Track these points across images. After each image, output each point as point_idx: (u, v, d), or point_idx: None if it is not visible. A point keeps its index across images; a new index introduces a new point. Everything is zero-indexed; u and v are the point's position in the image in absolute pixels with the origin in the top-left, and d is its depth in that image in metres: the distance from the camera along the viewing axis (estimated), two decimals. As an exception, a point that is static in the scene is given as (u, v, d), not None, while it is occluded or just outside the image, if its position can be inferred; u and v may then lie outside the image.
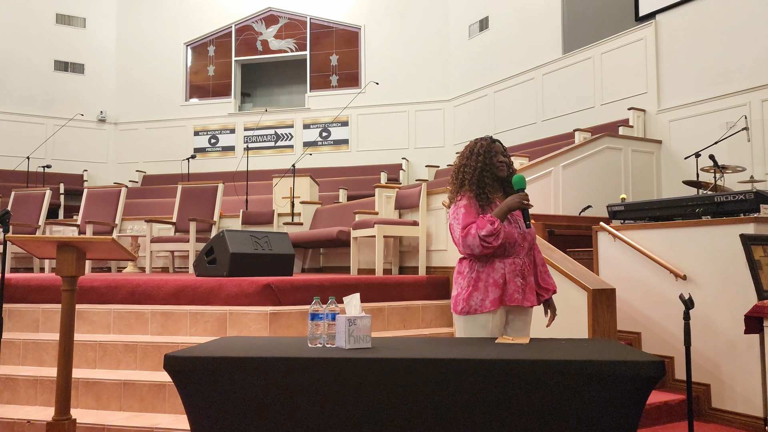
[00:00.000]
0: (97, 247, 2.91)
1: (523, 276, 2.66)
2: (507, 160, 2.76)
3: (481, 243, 2.56)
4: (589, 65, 8.39)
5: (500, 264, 2.63)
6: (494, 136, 2.84)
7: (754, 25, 6.44)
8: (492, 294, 2.60)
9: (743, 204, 4.03)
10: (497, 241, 2.56)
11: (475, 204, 2.65)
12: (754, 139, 6.31)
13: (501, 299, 2.61)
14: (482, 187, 2.67)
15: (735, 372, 3.95)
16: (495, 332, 2.62)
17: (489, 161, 2.71)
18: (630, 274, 4.59)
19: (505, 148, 2.82)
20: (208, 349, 2.18)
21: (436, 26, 11.19)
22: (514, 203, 2.60)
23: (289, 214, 7.61)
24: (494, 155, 2.72)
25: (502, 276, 2.62)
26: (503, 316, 2.66)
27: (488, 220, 2.57)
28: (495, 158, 2.71)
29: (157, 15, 12.45)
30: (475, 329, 2.63)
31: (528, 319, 2.74)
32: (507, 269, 2.63)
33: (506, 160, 2.75)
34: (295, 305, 4.18)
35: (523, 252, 2.67)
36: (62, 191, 10.37)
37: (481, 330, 2.62)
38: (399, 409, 2.01)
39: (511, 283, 2.62)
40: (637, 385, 1.95)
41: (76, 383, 3.53)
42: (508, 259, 2.63)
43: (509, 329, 2.70)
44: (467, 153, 2.77)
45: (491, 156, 2.71)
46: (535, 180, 6.17)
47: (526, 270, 2.67)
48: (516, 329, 2.69)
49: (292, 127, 11.88)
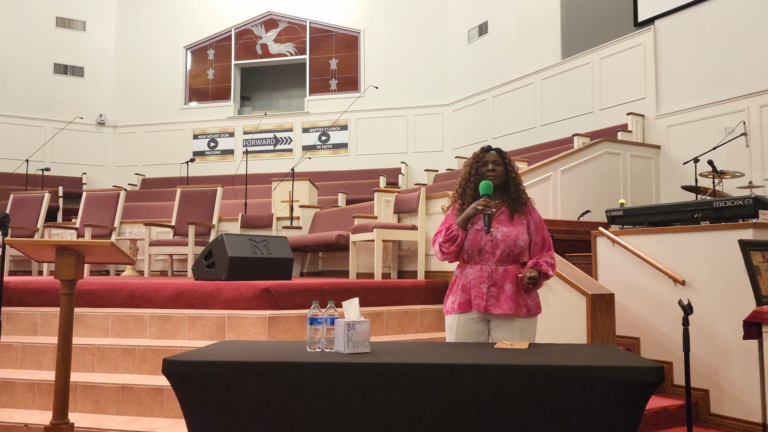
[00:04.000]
0: (95, 250, 2.91)
1: (493, 283, 2.64)
2: (500, 168, 2.77)
3: (439, 249, 2.71)
4: (588, 70, 8.40)
5: (470, 270, 2.71)
6: (494, 143, 2.86)
7: (752, 31, 6.46)
8: (459, 298, 2.71)
9: (742, 209, 4.03)
10: (453, 246, 2.67)
11: (456, 214, 2.77)
12: (752, 145, 6.32)
13: (466, 304, 2.68)
14: (465, 198, 2.78)
15: (734, 377, 3.94)
16: (464, 335, 2.69)
17: (476, 171, 2.79)
18: (629, 280, 4.59)
19: (505, 155, 2.82)
20: (207, 354, 2.18)
21: (436, 31, 11.21)
22: (470, 209, 2.65)
23: (288, 218, 7.61)
24: (483, 164, 2.78)
25: (470, 282, 2.69)
26: (482, 322, 2.69)
27: (446, 227, 2.71)
28: (484, 167, 2.77)
29: (157, 19, 12.47)
30: (447, 329, 2.78)
31: (514, 331, 2.63)
32: (474, 275, 2.68)
33: (498, 169, 2.76)
34: (293, 309, 4.17)
35: (492, 259, 2.66)
36: (61, 194, 10.36)
37: (449, 330, 2.75)
38: (398, 413, 2.00)
39: (475, 288, 2.67)
40: (636, 391, 1.94)
41: (74, 387, 3.52)
42: (477, 266, 2.69)
43: (491, 338, 2.70)
44: (464, 164, 2.89)
45: (479, 165, 2.79)
46: (534, 185, 6.17)
47: (497, 277, 2.64)
48: (498, 339, 2.64)
49: (291, 130, 11.88)
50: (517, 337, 2.63)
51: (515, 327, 2.64)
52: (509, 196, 2.76)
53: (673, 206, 4.54)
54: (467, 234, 2.68)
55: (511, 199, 2.76)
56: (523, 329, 2.65)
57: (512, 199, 2.76)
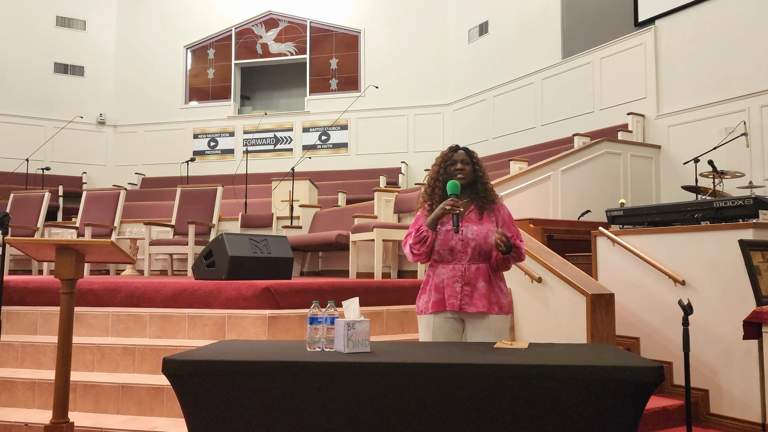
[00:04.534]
0: (95, 249, 2.91)
1: (466, 282, 2.66)
2: (468, 167, 2.78)
3: (410, 251, 2.71)
4: (589, 70, 8.40)
5: (443, 269, 2.72)
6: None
7: (753, 31, 6.46)
8: (432, 297, 2.71)
9: (742, 209, 4.03)
10: (424, 247, 2.68)
11: (426, 215, 2.76)
12: (752, 145, 6.32)
13: (440, 303, 2.69)
14: (433, 198, 2.79)
15: (733, 377, 3.94)
16: (440, 335, 2.70)
17: (444, 170, 2.80)
18: (629, 279, 4.59)
19: (473, 154, 2.84)
20: (207, 353, 2.18)
21: (436, 30, 11.21)
22: (438, 210, 2.65)
23: (288, 218, 7.61)
24: (451, 164, 2.79)
25: (442, 281, 2.70)
26: (458, 322, 2.72)
27: (415, 229, 2.71)
28: (451, 167, 2.78)
29: (157, 18, 12.47)
30: (422, 329, 2.78)
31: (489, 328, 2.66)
32: (447, 275, 2.69)
33: (466, 168, 2.77)
34: (293, 309, 4.17)
35: (465, 258, 2.68)
36: (61, 193, 10.36)
37: (425, 330, 2.75)
38: (397, 413, 2.00)
39: (449, 288, 2.68)
40: (636, 391, 1.95)
41: (74, 386, 3.52)
42: (449, 265, 2.70)
43: (468, 338, 2.73)
44: (432, 164, 2.89)
45: (447, 165, 2.80)
46: (534, 185, 6.18)
47: (469, 276, 2.67)
48: (474, 338, 2.68)
49: (292, 130, 11.88)
50: (493, 335, 2.67)
51: (490, 325, 2.68)
52: (477, 194, 2.79)
53: (673, 206, 4.54)
54: (437, 234, 2.69)
55: (479, 198, 2.78)
56: (497, 327, 2.69)
57: (480, 198, 2.78)
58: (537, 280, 4.07)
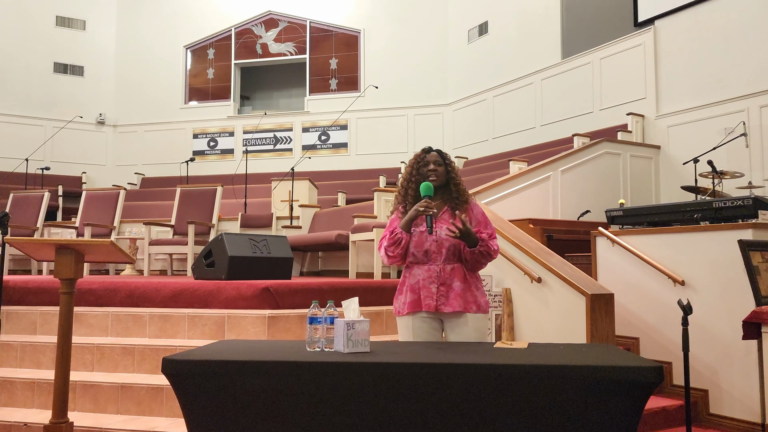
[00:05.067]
0: (95, 249, 2.91)
1: (441, 282, 2.68)
2: (441, 168, 2.80)
3: (385, 253, 2.73)
4: (588, 70, 8.40)
5: (418, 270, 2.73)
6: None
7: (752, 31, 6.46)
8: (408, 298, 2.73)
9: (741, 210, 4.03)
10: (398, 249, 2.69)
11: (400, 217, 2.77)
12: (752, 145, 6.33)
13: (416, 303, 2.70)
14: (407, 200, 2.80)
15: (733, 378, 3.94)
16: (419, 335, 2.71)
17: (417, 172, 2.81)
18: (628, 280, 4.59)
19: (446, 155, 2.86)
20: (206, 353, 2.18)
21: (436, 30, 11.21)
22: (412, 212, 2.67)
23: (288, 218, 7.61)
24: (424, 165, 2.81)
25: (418, 282, 2.71)
26: (434, 321, 2.73)
27: (389, 231, 2.73)
28: (424, 168, 2.80)
29: (157, 18, 12.46)
30: (401, 330, 2.78)
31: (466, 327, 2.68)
32: (422, 275, 2.70)
33: (439, 169, 2.79)
34: (293, 309, 4.17)
35: (440, 258, 2.69)
36: (61, 193, 10.35)
37: (405, 330, 2.76)
38: (397, 413, 2.00)
39: (425, 289, 2.70)
40: (636, 391, 1.95)
41: (73, 386, 3.52)
42: (425, 266, 2.71)
43: (446, 337, 2.75)
44: (405, 166, 2.90)
45: (420, 167, 2.81)
46: (533, 185, 6.18)
47: (444, 276, 2.68)
48: (453, 338, 2.71)
49: (291, 130, 11.88)
50: (472, 334, 2.69)
51: (468, 323, 2.70)
52: (450, 195, 2.80)
53: (672, 206, 4.54)
54: (412, 236, 2.71)
55: (452, 199, 2.79)
56: (476, 326, 2.71)
57: (453, 198, 2.79)
58: (537, 280, 4.07)
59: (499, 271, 4.28)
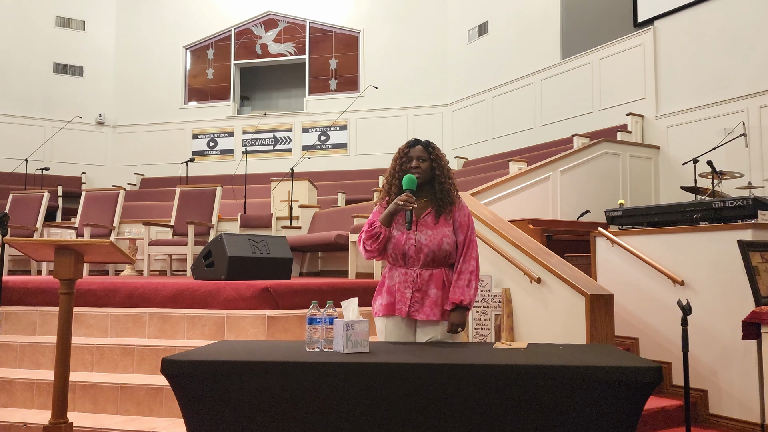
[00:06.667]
0: (95, 250, 2.90)
1: (417, 288, 2.57)
2: (425, 164, 2.63)
3: (363, 247, 2.61)
4: (588, 71, 8.40)
5: (396, 272, 2.63)
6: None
7: (752, 32, 6.46)
8: (385, 300, 2.64)
9: (741, 210, 4.03)
10: (375, 243, 2.56)
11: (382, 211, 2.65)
12: (751, 146, 6.33)
13: (389, 307, 2.61)
14: (390, 195, 2.69)
15: (732, 378, 3.94)
16: (390, 338, 2.62)
17: (400, 167, 2.68)
18: (628, 280, 4.59)
19: (433, 149, 2.69)
20: (206, 353, 2.18)
21: (436, 31, 11.21)
22: (392, 205, 2.55)
23: (288, 218, 7.61)
24: (407, 160, 2.67)
25: (395, 284, 2.62)
26: (408, 326, 2.63)
27: (368, 223, 2.61)
28: (407, 163, 2.66)
29: (157, 18, 12.46)
30: (378, 331, 2.69)
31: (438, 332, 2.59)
32: (399, 279, 2.61)
33: (422, 165, 2.63)
34: (292, 309, 4.17)
35: (417, 263, 2.57)
36: (60, 194, 10.35)
37: (379, 333, 2.68)
38: (397, 413, 2.00)
39: (398, 293, 2.60)
40: (635, 391, 1.95)
41: (73, 386, 3.52)
42: (402, 269, 2.61)
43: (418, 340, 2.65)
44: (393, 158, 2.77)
45: (403, 162, 2.68)
46: (533, 185, 6.17)
47: (421, 282, 2.57)
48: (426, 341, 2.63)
49: (291, 130, 11.88)
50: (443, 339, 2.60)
51: (440, 329, 2.60)
52: (435, 195, 2.63)
53: (672, 207, 4.54)
54: (392, 235, 2.59)
55: (437, 199, 2.63)
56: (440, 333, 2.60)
57: (438, 199, 2.63)
58: (536, 280, 4.07)
59: (498, 272, 4.28)
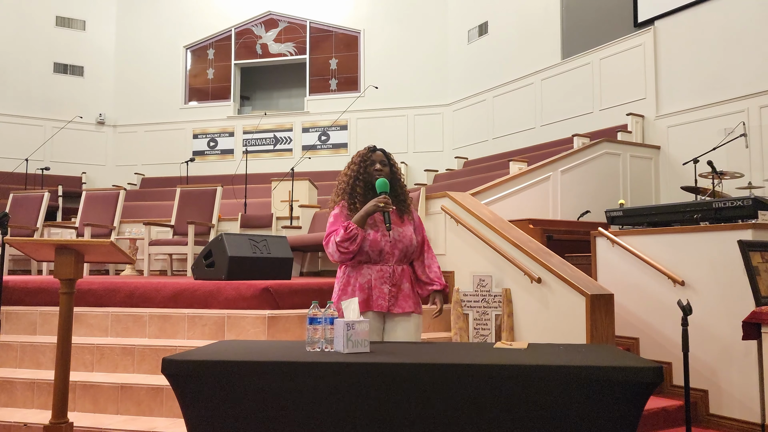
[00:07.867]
0: (95, 249, 2.91)
1: (393, 283, 2.69)
2: (386, 168, 2.78)
3: (337, 249, 2.63)
4: (588, 71, 8.40)
5: (368, 270, 2.70)
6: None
7: (752, 32, 6.46)
8: (359, 297, 2.66)
9: (741, 210, 4.03)
10: (353, 245, 2.62)
11: (346, 213, 2.72)
12: (752, 146, 6.33)
13: (366, 304, 2.66)
14: (354, 197, 2.75)
15: (733, 378, 3.95)
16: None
17: (364, 170, 2.78)
18: (628, 280, 4.59)
19: (389, 156, 2.85)
20: (206, 353, 2.18)
21: (436, 31, 11.21)
22: (370, 207, 2.64)
23: (288, 218, 7.61)
24: (370, 164, 2.78)
25: (369, 282, 2.68)
26: (378, 321, 2.71)
27: (343, 226, 2.64)
28: (371, 167, 2.77)
29: (157, 18, 12.46)
30: None
31: (410, 326, 2.74)
32: (374, 275, 2.69)
33: (384, 169, 2.77)
34: (293, 309, 4.17)
35: (393, 259, 2.70)
36: (60, 193, 10.35)
37: None
38: (397, 413, 2.00)
39: (377, 289, 2.68)
40: (635, 391, 1.95)
41: (73, 386, 3.52)
42: (376, 266, 2.69)
43: (387, 336, 2.74)
44: (348, 163, 2.87)
45: (366, 165, 2.78)
46: (533, 185, 6.18)
47: (396, 277, 2.70)
48: (395, 337, 2.72)
49: (291, 130, 11.88)
50: (413, 332, 2.73)
51: (411, 322, 2.74)
52: (396, 197, 2.79)
53: (672, 207, 4.54)
54: (366, 234, 2.67)
55: (398, 201, 2.79)
56: (417, 324, 2.77)
57: (399, 201, 2.79)
58: (536, 280, 4.07)
59: (498, 272, 4.28)
